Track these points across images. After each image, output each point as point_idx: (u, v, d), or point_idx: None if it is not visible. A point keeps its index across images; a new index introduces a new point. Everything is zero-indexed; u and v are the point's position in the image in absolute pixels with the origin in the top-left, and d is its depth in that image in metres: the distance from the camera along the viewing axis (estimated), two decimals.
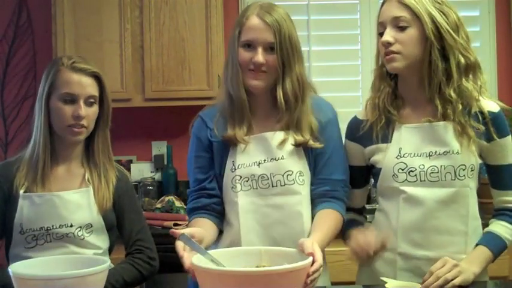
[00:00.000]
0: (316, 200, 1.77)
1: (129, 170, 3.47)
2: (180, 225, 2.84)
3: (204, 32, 3.15)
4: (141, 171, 3.50)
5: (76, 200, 1.75)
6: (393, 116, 1.73)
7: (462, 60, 1.67)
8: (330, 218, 1.72)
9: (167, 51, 3.16)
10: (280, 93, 1.73)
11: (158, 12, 3.15)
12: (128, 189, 1.87)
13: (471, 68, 1.69)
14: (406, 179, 1.69)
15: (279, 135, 1.75)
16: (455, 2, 3.54)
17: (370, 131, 1.76)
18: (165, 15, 3.15)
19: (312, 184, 1.77)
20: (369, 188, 1.90)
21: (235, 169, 1.75)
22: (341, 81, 3.48)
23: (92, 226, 1.75)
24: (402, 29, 1.67)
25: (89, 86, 1.75)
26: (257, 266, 1.46)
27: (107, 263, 1.42)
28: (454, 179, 1.67)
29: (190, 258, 1.41)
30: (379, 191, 1.78)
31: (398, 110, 1.75)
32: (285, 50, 1.73)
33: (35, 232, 1.71)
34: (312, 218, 1.75)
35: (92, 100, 1.76)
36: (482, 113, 1.69)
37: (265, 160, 1.74)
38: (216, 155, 1.79)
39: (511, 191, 1.75)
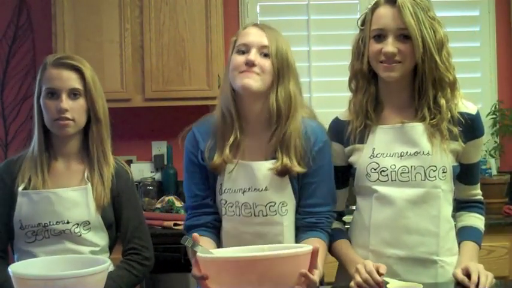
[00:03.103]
0: (302, 229, 1.77)
1: None
2: (179, 224, 2.83)
3: (204, 32, 3.15)
4: (141, 171, 3.50)
5: (73, 197, 1.75)
6: (372, 117, 1.76)
7: (440, 77, 1.69)
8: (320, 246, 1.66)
9: (167, 51, 3.16)
10: (273, 98, 1.71)
11: (158, 12, 3.15)
12: (128, 186, 1.86)
13: (448, 86, 1.71)
14: (378, 179, 1.72)
15: (266, 165, 1.73)
16: (456, 2, 3.59)
17: (350, 132, 1.79)
18: (165, 15, 3.15)
19: (298, 213, 1.78)
20: (347, 192, 1.91)
21: (222, 192, 1.76)
22: (341, 81, 3.46)
23: (89, 223, 1.75)
24: (405, 39, 1.68)
25: (69, 80, 1.75)
26: None
27: (107, 263, 1.42)
28: (424, 180, 1.69)
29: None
30: (356, 190, 1.82)
31: (377, 112, 1.78)
32: (279, 58, 1.72)
33: (33, 228, 1.73)
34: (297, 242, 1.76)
35: (76, 93, 1.76)
36: (460, 114, 1.72)
37: (249, 189, 1.73)
38: (209, 173, 1.79)
39: (478, 184, 1.84)
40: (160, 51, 3.15)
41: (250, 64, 1.69)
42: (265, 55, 1.72)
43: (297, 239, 1.76)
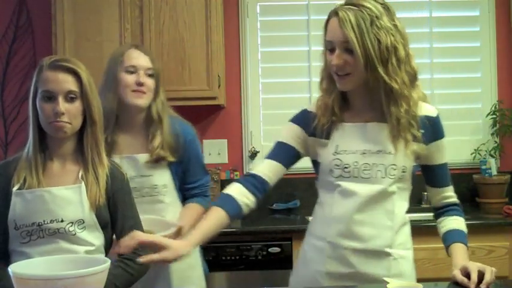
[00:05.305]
0: (190, 199, 2.33)
1: None
2: None
3: (204, 32, 3.15)
4: None
5: (67, 196, 1.75)
6: (337, 115, 1.79)
7: (387, 87, 1.70)
8: (194, 209, 2.27)
9: (167, 51, 3.16)
10: (154, 108, 2.19)
11: (158, 12, 3.15)
12: (123, 186, 1.87)
13: (396, 95, 1.70)
14: (340, 175, 1.76)
15: (145, 156, 2.19)
16: (456, 2, 3.59)
17: (316, 125, 1.81)
18: (165, 15, 3.15)
19: (185, 190, 2.31)
20: (282, 171, 1.83)
21: None
22: None
23: (84, 222, 1.75)
24: (350, 51, 1.68)
25: (66, 82, 1.75)
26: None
27: (107, 263, 1.42)
28: (384, 177, 1.74)
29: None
30: (319, 184, 1.86)
31: (343, 111, 1.81)
32: (158, 76, 2.23)
33: (28, 228, 1.73)
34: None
35: (72, 96, 1.76)
36: (422, 117, 1.75)
37: (135, 176, 2.17)
38: None
39: (449, 187, 1.88)
40: (160, 51, 3.14)
41: (140, 85, 2.15)
42: (150, 75, 2.19)
43: (185, 203, 2.32)
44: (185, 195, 2.34)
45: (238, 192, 1.75)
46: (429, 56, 3.58)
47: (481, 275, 1.60)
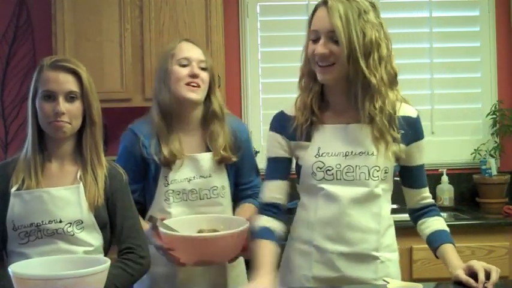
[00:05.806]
0: (243, 199, 2.20)
1: None
2: None
3: (204, 32, 3.15)
4: None
5: (65, 196, 1.75)
6: (317, 116, 1.78)
7: (365, 81, 1.70)
8: (251, 209, 2.11)
9: None
10: (215, 104, 2.10)
11: (158, 12, 3.15)
12: (121, 186, 1.87)
13: (374, 90, 1.70)
14: (323, 177, 1.75)
15: (207, 156, 2.09)
16: (456, 2, 3.59)
17: (295, 128, 1.80)
18: (165, 15, 3.16)
19: (237, 191, 2.20)
20: (287, 186, 1.86)
21: (168, 184, 2.06)
22: None
23: (82, 223, 1.75)
24: (336, 41, 1.69)
25: (67, 83, 1.76)
26: (199, 231, 1.93)
27: (107, 263, 1.42)
28: (368, 179, 1.73)
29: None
30: (301, 187, 1.84)
31: (322, 111, 1.80)
32: (212, 70, 2.11)
33: (26, 228, 1.72)
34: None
35: (73, 96, 1.76)
36: (402, 118, 1.76)
37: (194, 177, 2.07)
38: (151, 169, 2.08)
39: (426, 188, 1.88)
40: (161, 51, 3.14)
41: (194, 76, 2.04)
42: (203, 68, 2.07)
43: (238, 204, 2.19)
44: (237, 196, 2.21)
45: (270, 223, 1.81)
46: (429, 56, 3.58)
47: (486, 274, 1.60)
